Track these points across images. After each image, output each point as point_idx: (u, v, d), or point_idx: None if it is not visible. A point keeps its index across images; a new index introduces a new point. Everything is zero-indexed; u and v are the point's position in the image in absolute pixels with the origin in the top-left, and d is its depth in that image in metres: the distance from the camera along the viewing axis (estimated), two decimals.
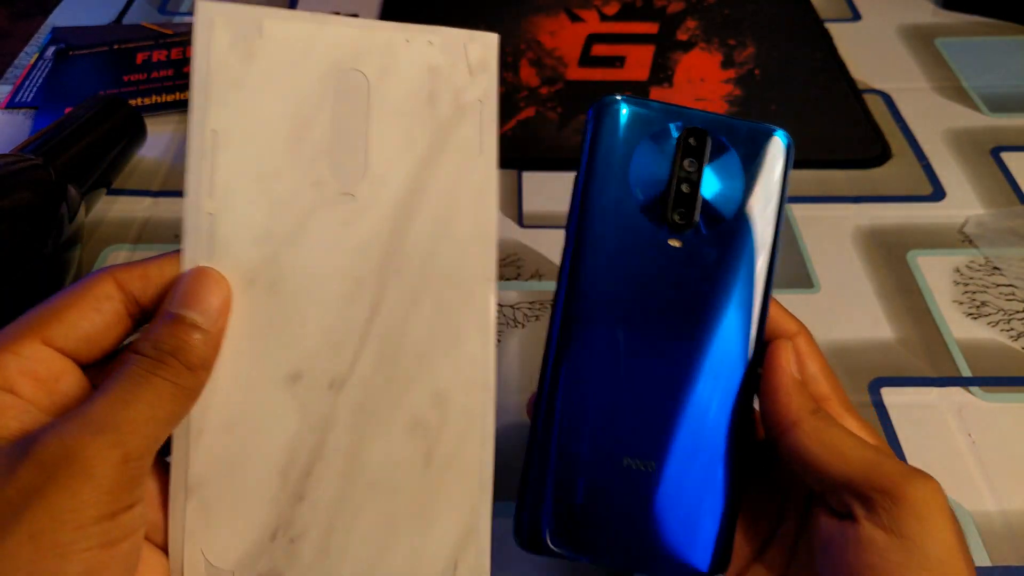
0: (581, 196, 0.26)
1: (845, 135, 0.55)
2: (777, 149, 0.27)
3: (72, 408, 0.20)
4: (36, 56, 0.62)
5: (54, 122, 0.48)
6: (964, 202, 0.50)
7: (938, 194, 0.51)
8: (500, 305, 0.44)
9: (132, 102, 0.56)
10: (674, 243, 0.26)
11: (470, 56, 0.26)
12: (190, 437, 0.23)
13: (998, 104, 0.58)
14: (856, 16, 0.67)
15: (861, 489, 0.23)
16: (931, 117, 0.57)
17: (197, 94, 0.24)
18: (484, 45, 0.26)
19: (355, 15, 0.67)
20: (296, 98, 0.24)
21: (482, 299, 0.25)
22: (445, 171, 0.25)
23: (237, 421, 0.24)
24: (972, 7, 0.66)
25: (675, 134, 0.26)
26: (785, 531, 0.27)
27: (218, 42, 0.24)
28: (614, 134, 0.26)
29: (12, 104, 0.58)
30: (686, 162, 0.26)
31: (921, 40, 0.64)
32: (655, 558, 0.25)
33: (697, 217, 0.26)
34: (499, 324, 0.43)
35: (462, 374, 0.25)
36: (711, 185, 0.26)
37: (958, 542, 0.22)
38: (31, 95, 0.58)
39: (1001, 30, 0.65)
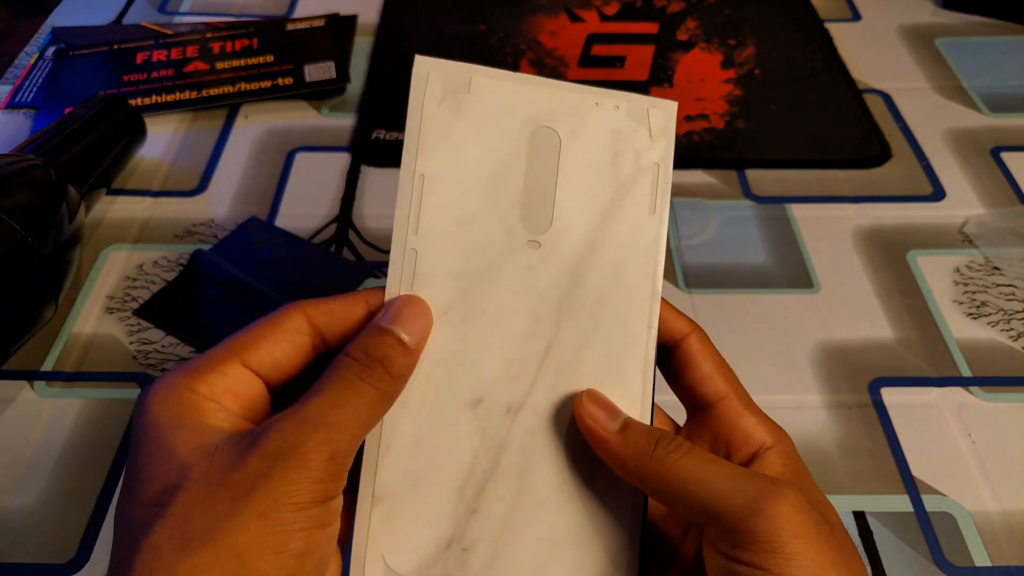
0: None
1: (845, 135, 0.55)
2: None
3: (259, 421, 0.23)
4: (36, 56, 0.62)
5: (54, 122, 0.48)
6: (964, 202, 0.50)
7: (938, 194, 0.51)
8: None
9: (132, 102, 0.56)
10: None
11: (652, 121, 0.28)
12: (380, 450, 0.26)
13: (998, 104, 0.58)
14: (856, 16, 0.67)
15: (719, 526, 0.22)
16: (931, 117, 0.57)
17: (410, 141, 0.27)
18: (665, 112, 0.28)
19: (355, 16, 0.67)
20: (496, 151, 0.27)
21: (644, 343, 0.27)
22: (621, 226, 0.27)
23: (423, 439, 0.26)
24: (972, 7, 0.66)
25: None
26: (684, 556, 0.26)
27: (431, 95, 0.27)
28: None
29: (12, 104, 0.58)
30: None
31: (921, 40, 0.64)
32: None
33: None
34: None
35: (623, 406, 0.27)
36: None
37: (824, 561, 0.21)
38: (31, 95, 0.58)
39: (1001, 30, 0.65)
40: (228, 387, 0.23)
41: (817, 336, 0.43)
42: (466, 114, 0.27)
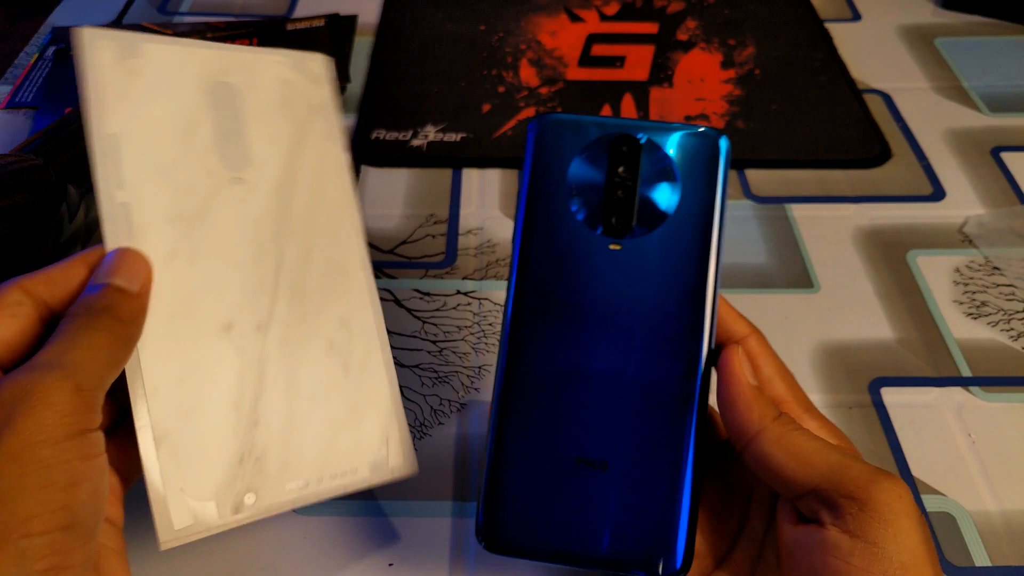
0: (526, 207, 0.27)
1: (845, 135, 0.55)
2: (715, 153, 0.27)
3: None
4: (36, 56, 0.62)
5: (54, 122, 0.48)
6: (964, 202, 0.50)
7: (938, 194, 0.51)
8: (500, 305, 0.44)
9: None
10: (614, 247, 0.27)
11: (312, 70, 0.33)
12: (147, 395, 0.27)
13: (998, 104, 0.58)
14: (856, 16, 0.67)
15: (827, 494, 0.23)
16: (931, 117, 0.57)
17: (93, 105, 0.28)
18: (320, 63, 0.33)
19: (355, 16, 0.67)
20: (179, 105, 0.30)
21: (357, 244, 0.32)
22: (310, 155, 0.32)
23: (186, 373, 0.28)
24: (972, 7, 0.66)
25: (609, 143, 0.28)
26: (749, 536, 0.27)
27: (104, 60, 0.29)
28: (553, 147, 0.28)
29: (12, 104, 0.58)
30: (620, 168, 0.27)
31: (921, 40, 0.64)
32: (617, 558, 0.25)
33: (634, 220, 0.27)
34: (500, 324, 0.43)
35: (355, 301, 0.31)
36: (649, 189, 0.27)
37: (924, 546, 0.22)
38: (31, 95, 0.58)
39: (1001, 30, 0.65)
40: None
41: (817, 336, 0.43)
42: (142, 76, 0.29)
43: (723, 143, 0.27)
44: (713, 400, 0.27)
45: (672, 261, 0.27)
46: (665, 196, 0.27)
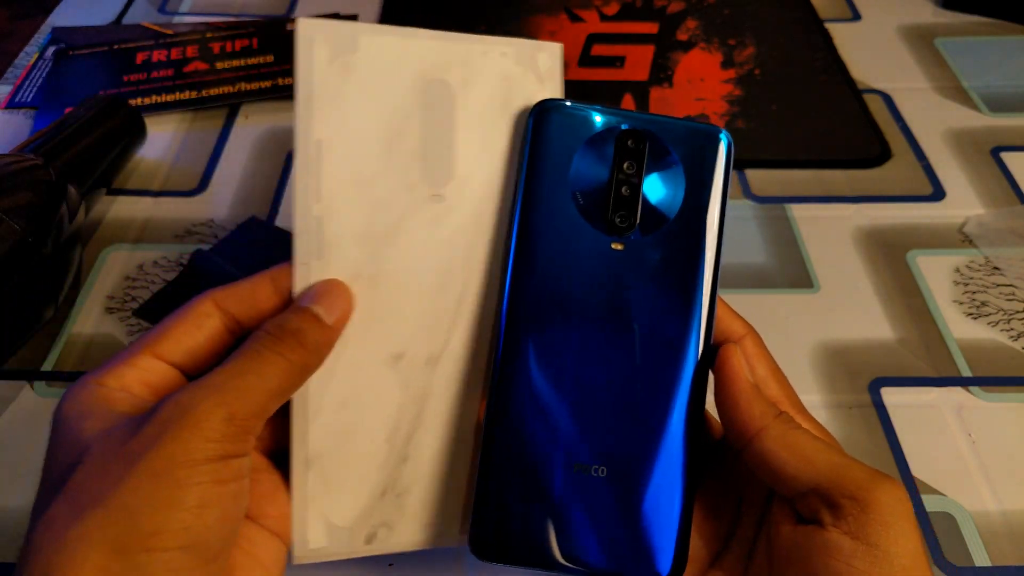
0: (523, 199, 0.26)
1: (845, 135, 0.55)
2: (717, 149, 0.26)
3: None
4: (36, 56, 0.62)
5: (54, 122, 0.48)
6: (964, 202, 0.50)
7: (938, 194, 0.51)
8: None
9: (132, 102, 0.56)
10: (616, 246, 0.26)
11: (540, 65, 0.28)
12: (308, 416, 0.27)
13: (998, 104, 0.58)
14: (856, 16, 0.67)
15: (829, 494, 0.23)
16: (931, 117, 0.57)
17: (302, 108, 0.26)
18: (551, 55, 0.28)
19: (355, 16, 0.67)
20: (389, 108, 0.27)
21: None
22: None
23: (349, 399, 0.27)
24: (972, 7, 0.66)
25: (614, 136, 0.26)
26: (742, 536, 0.27)
27: (319, 58, 0.27)
28: (555, 137, 0.26)
29: (12, 104, 0.58)
30: (625, 164, 0.26)
31: (921, 40, 0.64)
32: (610, 563, 0.25)
33: (638, 219, 0.26)
34: None
35: None
36: (651, 186, 0.26)
37: (923, 550, 0.22)
38: (31, 95, 0.58)
39: (1001, 30, 0.65)
40: (140, 378, 0.24)
41: (817, 336, 0.43)
42: (356, 74, 0.27)
43: (724, 139, 0.27)
44: (708, 401, 0.27)
45: (673, 261, 0.26)
46: (669, 194, 0.26)
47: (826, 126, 0.56)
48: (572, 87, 0.60)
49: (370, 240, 0.27)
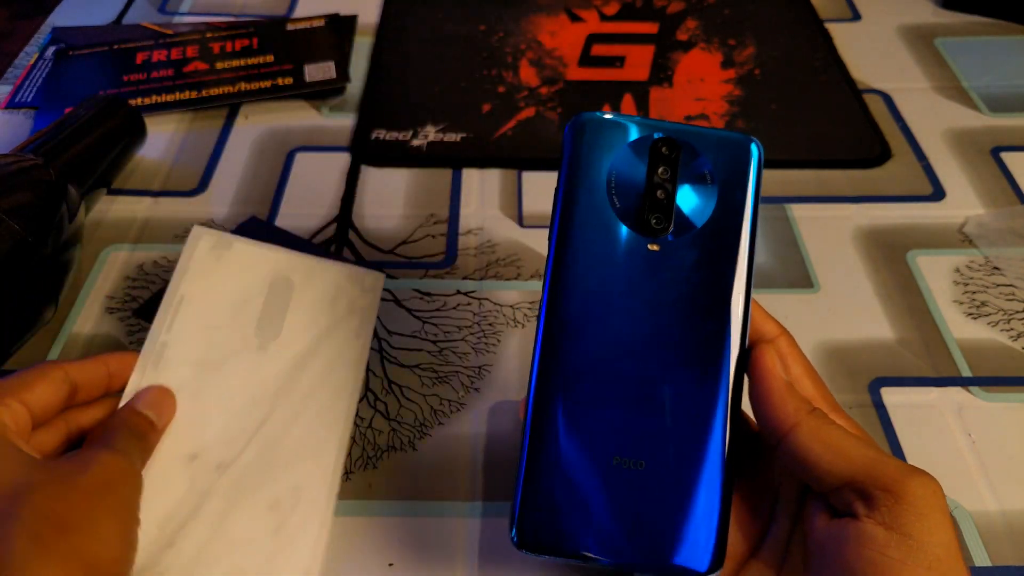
0: (563, 205, 0.27)
1: (845, 135, 0.55)
2: (748, 156, 0.28)
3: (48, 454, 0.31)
4: (36, 56, 0.62)
5: (54, 122, 0.48)
6: (964, 202, 0.50)
7: (938, 194, 0.51)
8: (500, 305, 0.44)
9: (132, 102, 0.56)
10: (653, 247, 0.27)
11: (365, 283, 0.41)
12: None
13: (998, 104, 0.58)
14: (856, 16, 0.67)
15: (863, 487, 0.23)
16: (931, 117, 0.57)
17: (178, 274, 0.38)
18: (375, 278, 0.42)
19: (355, 16, 0.67)
20: (243, 286, 0.39)
21: (343, 428, 0.36)
22: (332, 344, 0.38)
23: (144, 483, 0.32)
24: (972, 7, 0.66)
25: (649, 144, 0.28)
26: (776, 534, 0.27)
27: (201, 247, 0.39)
28: (592, 146, 0.28)
29: (12, 104, 0.58)
30: (660, 169, 0.27)
31: (921, 40, 0.64)
32: (651, 557, 0.25)
33: (673, 221, 0.27)
34: (500, 324, 0.43)
35: (316, 475, 0.35)
36: (685, 191, 0.27)
37: (956, 541, 0.23)
38: (31, 95, 0.58)
39: (1001, 30, 0.65)
40: (13, 419, 0.29)
41: (817, 336, 0.43)
42: (224, 262, 0.39)
43: (755, 148, 0.28)
44: (744, 401, 0.27)
45: (708, 262, 0.27)
46: (702, 199, 0.27)
47: (826, 126, 0.56)
48: (573, 87, 0.60)
49: (200, 365, 0.36)
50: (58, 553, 0.24)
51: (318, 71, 0.59)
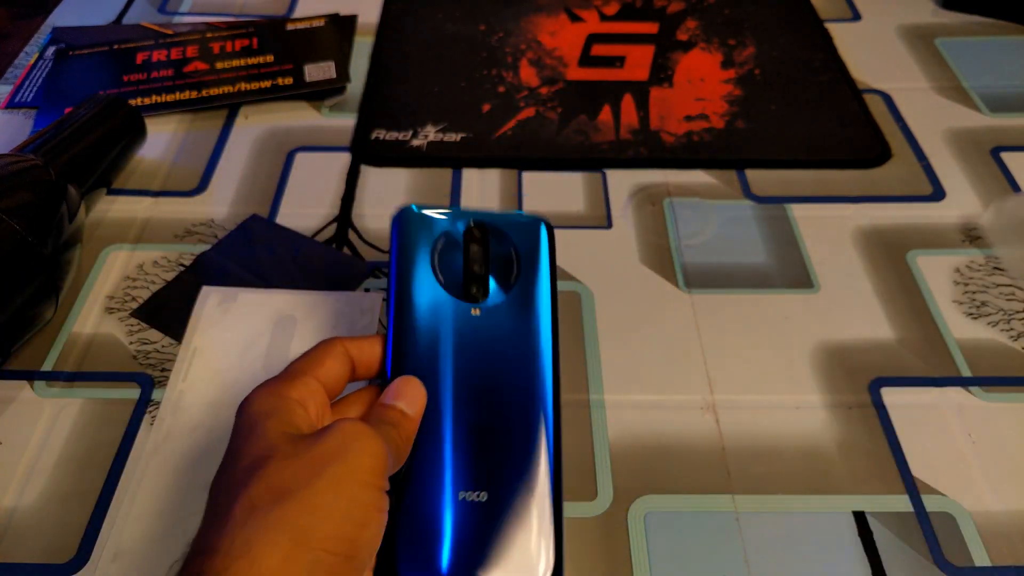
0: (396, 284, 0.32)
1: (845, 135, 0.55)
2: (539, 234, 0.34)
3: (323, 423, 0.29)
4: (36, 56, 0.62)
5: (54, 122, 0.48)
6: (964, 202, 0.50)
7: (938, 194, 0.51)
8: None
9: (132, 102, 0.56)
10: (475, 311, 0.32)
11: (363, 305, 0.44)
12: (118, 521, 0.36)
13: (998, 104, 0.58)
14: (856, 16, 0.67)
15: None
16: (931, 117, 0.57)
17: (190, 330, 0.43)
18: (372, 300, 0.44)
19: (355, 16, 0.67)
20: (249, 330, 0.43)
21: None
22: None
23: (163, 510, 0.36)
24: (972, 7, 0.66)
25: (462, 228, 0.33)
26: None
27: (210, 303, 0.44)
28: (416, 235, 0.33)
29: (12, 104, 0.58)
30: (473, 249, 0.33)
31: (921, 40, 0.64)
32: (496, 572, 0.28)
33: (489, 288, 0.32)
34: None
35: None
36: (495, 264, 0.33)
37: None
38: (31, 95, 0.58)
39: (1001, 30, 0.65)
40: (306, 395, 0.28)
41: (817, 336, 0.43)
42: (231, 312, 0.43)
43: (543, 227, 0.34)
44: None
45: (520, 319, 0.32)
46: (509, 269, 0.33)
47: (826, 126, 0.56)
48: (572, 87, 0.60)
49: (214, 406, 0.40)
50: (267, 522, 0.23)
51: (318, 71, 0.59)
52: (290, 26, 0.64)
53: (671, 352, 0.42)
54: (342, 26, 0.65)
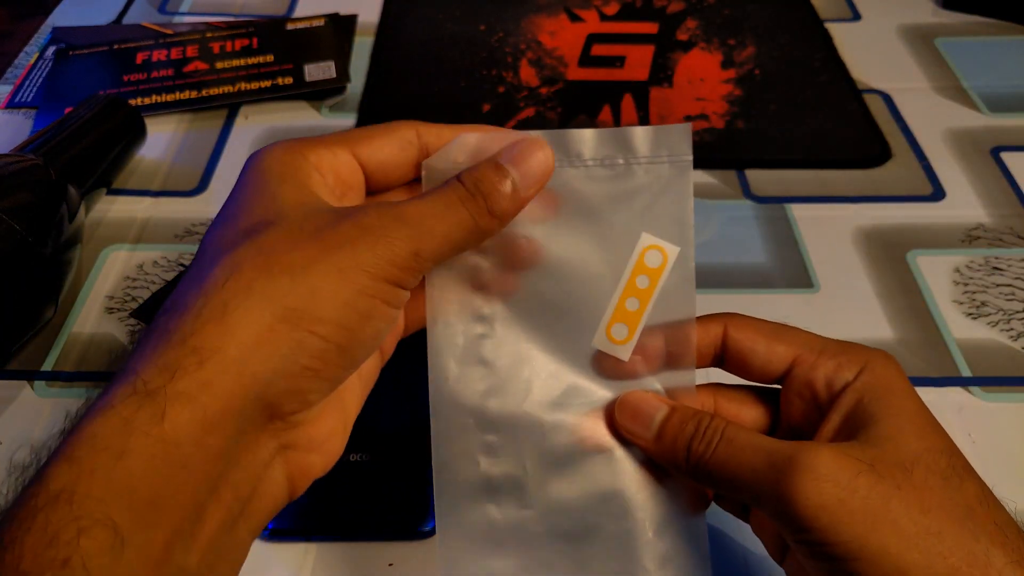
0: None
1: (845, 135, 0.55)
2: None
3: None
4: (36, 56, 0.62)
5: (54, 122, 0.48)
6: (964, 202, 0.50)
7: (938, 194, 0.51)
8: None
9: (132, 102, 0.56)
10: None
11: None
12: None
13: (998, 104, 0.58)
14: (856, 16, 0.67)
15: (764, 511, 0.23)
16: (931, 117, 0.57)
17: None
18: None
19: (355, 15, 0.67)
20: None
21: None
22: None
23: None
24: (972, 7, 0.66)
25: None
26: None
27: None
28: None
29: (12, 104, 0.58)
30: None
31: (921, 40, 0.64)
32: (381, 523, 0.34)
33: None
34: None
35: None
36: None
37: (865, 520, 0.21)
38: (31, 95, 0.58)
39: (1001, 30, 0.65)
40: (333, 166, 0.25)
41: None
42: None
43: None
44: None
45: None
46: None
47: (826, 126, 0.56)
48: (573, 87, 0.60)
49: None
50: (251, 289, 0.21)
51: (318, 71, 0.59)
52: (290, 26, 0.64)
53: None
54: (342, 26, 0.65)
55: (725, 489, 0.24)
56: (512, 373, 0.27)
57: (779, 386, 0.27)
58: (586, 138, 0.27)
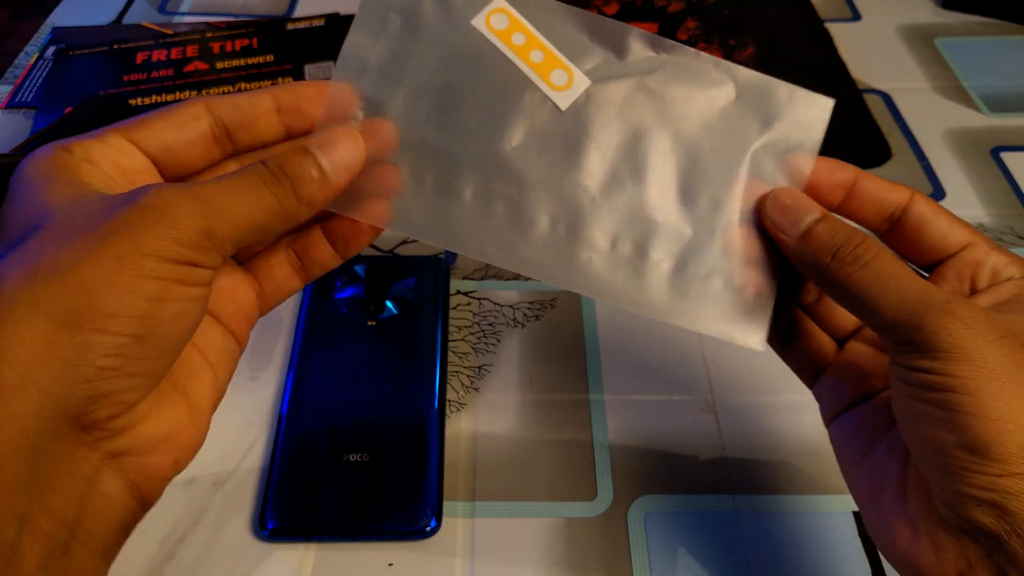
0: (307, 308, 0.42)
1: (845, 135, 0.55)
2: (439, 269, 0.44)
3: None
4: (36, 56, 0.62)
5: (54, 122, 0.48)
6: (964, 202, 0.50)
7: (938, 194, 0.51)
8: (499, 305, 0.44)
9: (132, 102, 0.56)
10: (371, 323, 0.41)
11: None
12: None
13: (998, 104, 0.58)
14: (856, 16, 0.67)
15: (893, 335, 0.23)
16: (931, 117, 0.57)
17: None
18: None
19: (354, 15, 0.66)
20: None
21: None
22: None
23: None
24: (972, 7, 0.66)
25: (364, 265, 0.44)
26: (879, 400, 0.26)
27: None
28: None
29: (12, 104, 0.58)
30: (373, 278, 0.43)
31: (921, 40, 0.64)
32: (380, 523, 0.34)
33: (384, 308, 0.42)
34: (499, 324, 0.43)
35: None
36: (394, 289, 0.43)
37: (1007, 369, 0.21)
38: (31, 95, 0.58)
39: (1001, 30, 0.65)
40: (107, 155, 0.23)
41: None
42: None
43: (444, 265, 0.44)
44: None
45: (410, 332, 0.41)
46: (404, 295, 0.42)
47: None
48: None
49: None
50: (16, 301, 0.19)
51: (318, 71, 0.59)
52: (290, 26, 0.64)
53: (671, 352, 0.42)
54: (342, 26, 0.65)
55: (853, 305, 0.24)
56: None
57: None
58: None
